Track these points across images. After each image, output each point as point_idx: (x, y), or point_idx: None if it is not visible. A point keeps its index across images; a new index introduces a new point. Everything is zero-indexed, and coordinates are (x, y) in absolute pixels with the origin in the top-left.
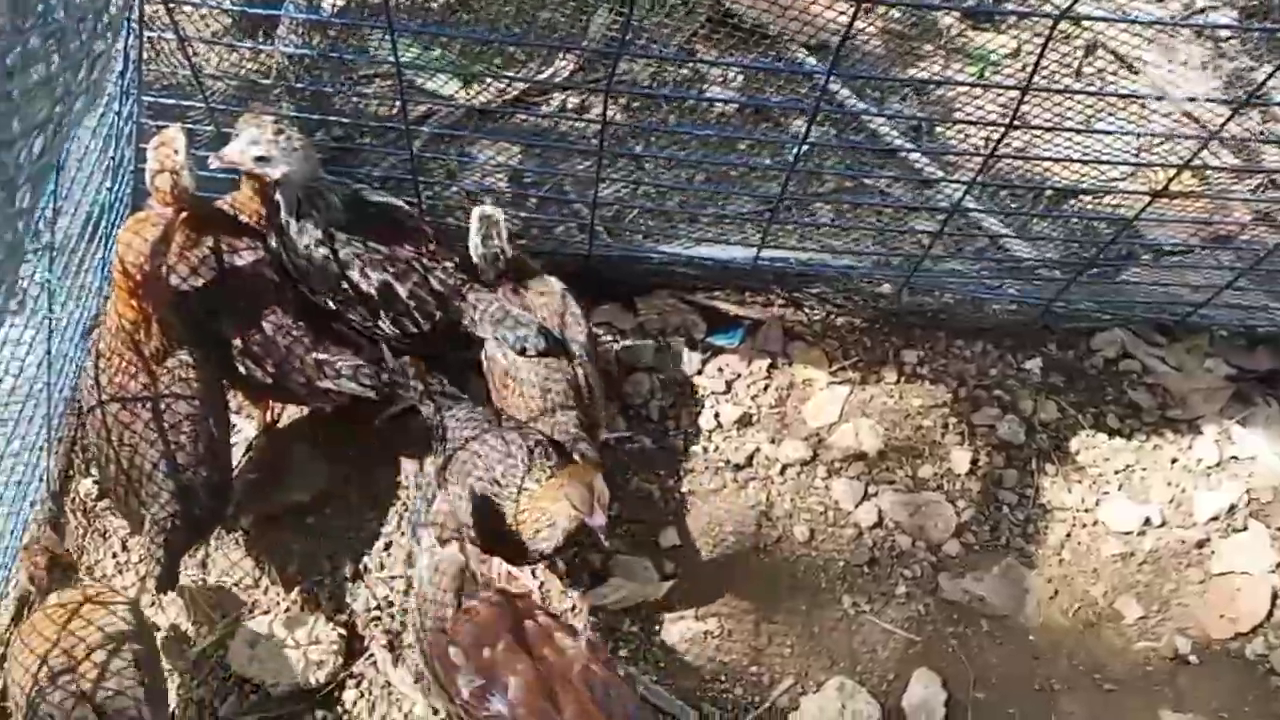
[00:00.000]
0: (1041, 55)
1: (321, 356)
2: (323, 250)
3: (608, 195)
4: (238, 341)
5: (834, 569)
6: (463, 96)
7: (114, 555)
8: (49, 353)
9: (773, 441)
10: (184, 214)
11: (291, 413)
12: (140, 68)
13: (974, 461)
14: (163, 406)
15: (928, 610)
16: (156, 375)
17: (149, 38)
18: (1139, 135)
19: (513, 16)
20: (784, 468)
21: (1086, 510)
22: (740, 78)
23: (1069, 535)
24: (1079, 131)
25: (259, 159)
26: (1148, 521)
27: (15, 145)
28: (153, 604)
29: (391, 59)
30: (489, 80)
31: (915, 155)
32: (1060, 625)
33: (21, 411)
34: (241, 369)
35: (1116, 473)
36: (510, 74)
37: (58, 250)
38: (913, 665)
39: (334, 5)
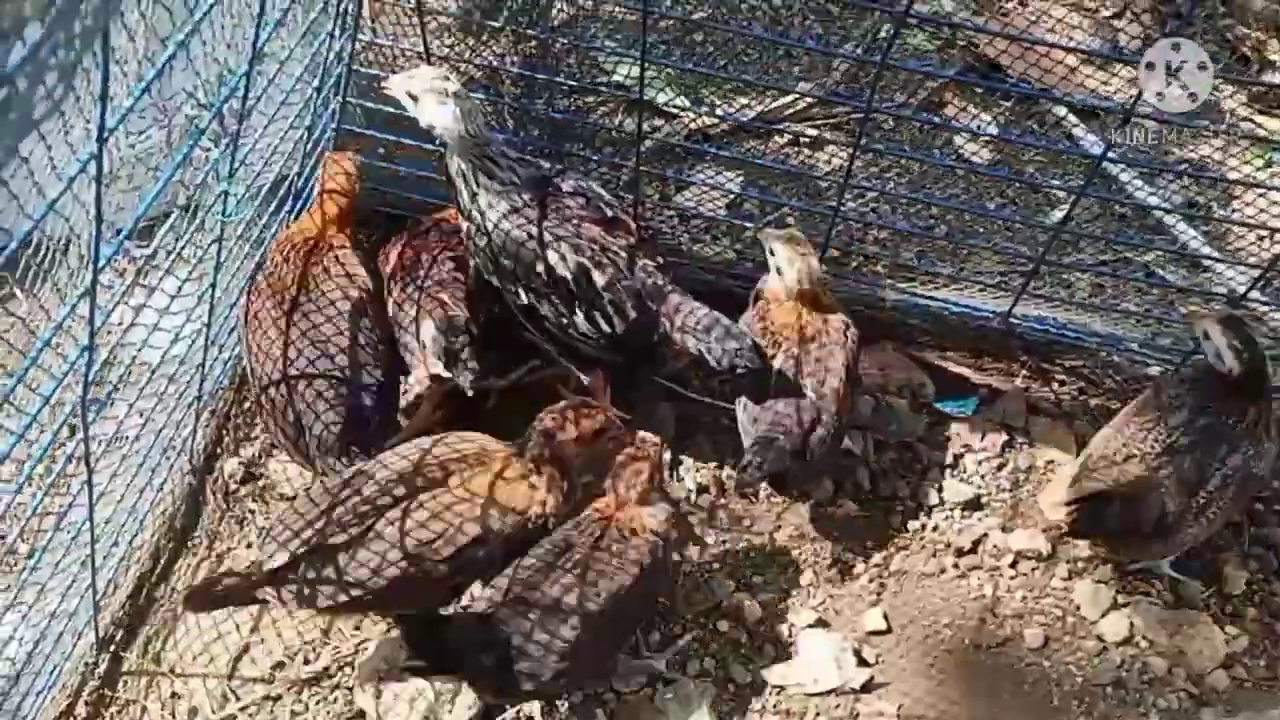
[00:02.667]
0: None
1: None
2: (517, 222)
3: (836, 234)
4: None
5: (1070, 685)
6: (694, 112)
7: (248, 545)
8: (213, 285)
9: (1004, 529)
10: None
11: None
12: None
13: (1249, 584)
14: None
15: None
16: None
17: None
18: None
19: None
20: (1016, 560)
21: None
22: (993, 127)
23: None
24: None
25: (409, 94)
26: None
27: None
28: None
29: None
30: (721, 101)
31: (1190, 236)
32: None
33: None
34: None
35: None
36: (748, 95)
37: (241, 163)
38: None
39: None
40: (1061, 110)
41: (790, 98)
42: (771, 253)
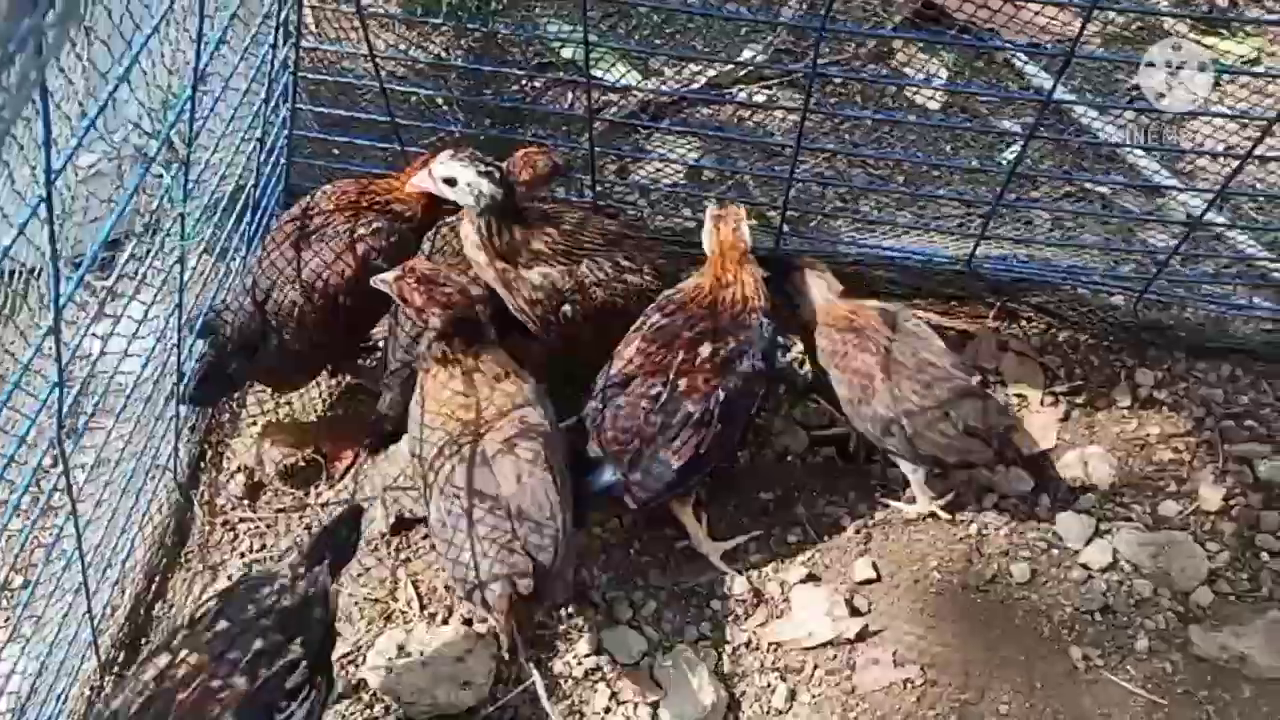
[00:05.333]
0: None
1: None
2: None
3: (795, 193)
4: None
5: (1059, 615)
6: (643, 87)
7: (242, 555)
8: (179, 306)
9: (985, 467)
10: None
11: None
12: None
13: (1226, 499)
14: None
15: (1175, 668)
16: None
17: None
18: None
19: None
20: (999, 498)
21: None
22: (944, 74)
23: None
24: None
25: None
26: None
27: None
28: None
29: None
30: (671, 71)
31: (1144, 161)
32: None
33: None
34: None
35: None
36: (700, 61)
37: (194, 182)
38: None
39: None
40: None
41: (739, 59)
42: None
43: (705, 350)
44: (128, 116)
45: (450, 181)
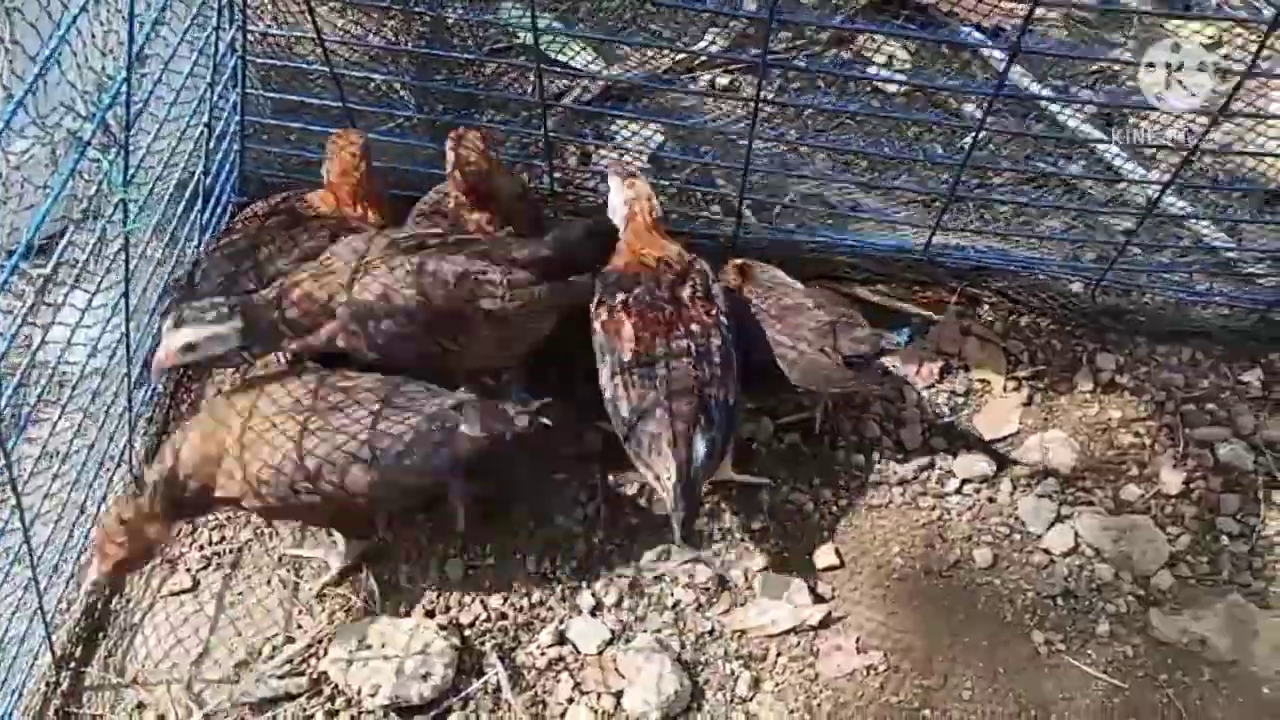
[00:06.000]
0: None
1: None
2: None
3: (757, 180)
4: None
5: (1021, 600)
6: (601, 70)
7: (201, 549)
8: (125, 295)
9: (948, 453)
10: None
11: None
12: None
13: (1187, 483)
14: None
15: (1136, 652)
16: None
17: None
18: None
19: None
20: (961, 483)
21: None
22: (904, 56)
23: None
24: None
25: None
26: None
27: None
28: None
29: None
30: (630, 54)
31: (1105, 147)
32: None
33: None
34: None
35: None
36: (654, 48)
37: (136, 168)
38: (1119, 716)
39: None
40: (967, 29)
41: (697, 47)
42: None
43: (686, 292)
44: (60, 99)
45: (190, 348)
